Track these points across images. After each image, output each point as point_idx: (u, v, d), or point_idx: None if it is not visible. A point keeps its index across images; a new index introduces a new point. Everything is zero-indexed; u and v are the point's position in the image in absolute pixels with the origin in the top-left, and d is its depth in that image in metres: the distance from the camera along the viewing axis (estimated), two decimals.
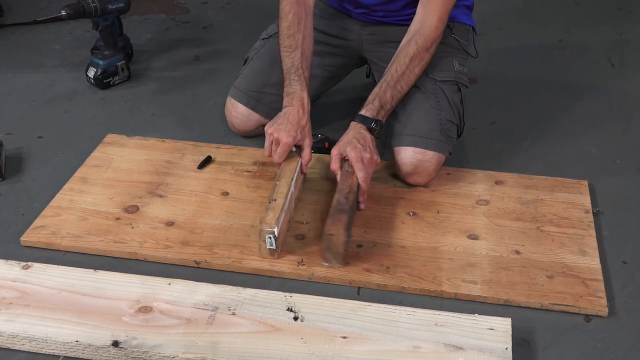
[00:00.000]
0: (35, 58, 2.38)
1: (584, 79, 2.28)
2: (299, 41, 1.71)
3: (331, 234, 1.44)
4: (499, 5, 2.78)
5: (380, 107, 1.66)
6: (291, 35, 1.71)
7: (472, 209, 1.65)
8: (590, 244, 1.55)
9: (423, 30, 1.67)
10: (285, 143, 1.62)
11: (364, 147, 1.60)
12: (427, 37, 1.67)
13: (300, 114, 1.66)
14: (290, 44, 1.71)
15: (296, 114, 1.66)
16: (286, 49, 1.71)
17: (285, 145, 1.62)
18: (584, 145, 1.93)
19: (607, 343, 1.34)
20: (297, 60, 1.70)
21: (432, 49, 1.69)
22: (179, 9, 2.75)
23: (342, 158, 1.62)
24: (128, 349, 1.27)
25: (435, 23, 1.67)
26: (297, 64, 1.69)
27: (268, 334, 1.31)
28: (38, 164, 1.84)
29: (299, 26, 1.71)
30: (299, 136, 1.64)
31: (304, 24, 1.72)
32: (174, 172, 1.77)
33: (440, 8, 1.67)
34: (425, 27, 1.67)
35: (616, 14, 2.73)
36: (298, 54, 1.70)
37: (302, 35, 1.71)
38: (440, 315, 1.34)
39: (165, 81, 2.25)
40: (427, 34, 1.67)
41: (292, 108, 1.66)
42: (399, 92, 1.68)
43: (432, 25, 1.67)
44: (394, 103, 1.68)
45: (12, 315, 1.34)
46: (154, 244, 1.54)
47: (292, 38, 1.71)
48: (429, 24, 1.67)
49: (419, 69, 1.69)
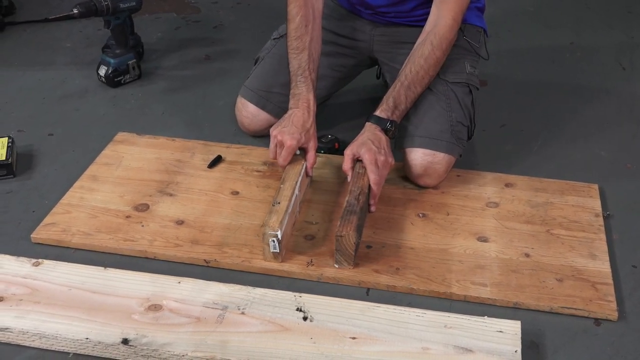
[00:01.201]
0: (47, 56, 2.39)
1: (594, 81, 2.28)
2: (306, 43, 1.71)
3: (341, 235, 1.44)
4: (510, 7, 2.78)
5: (395, 108, 1.65)
6: (299, 37, 1.71)
7: (482, 211, 1.65)
8: (600, 247, 1.55)
9: (437, 30, 1.67)
10: (289, 146, 1.61)
11: (378, 149, 1.60)
12: (442, 37, 1.67)
13: (306, 116, 1.65)
14: (298, 46, 1.71)
15: (301, 117, 1.65)
16: (293, 50, 1.72)
17: (289, 148, 1.62)
18: (594, 149, 1.93)
19: (616, 347, 1.34)
20: (304, 61, 1.70)
21: (447, 49, 1.69)
22: (190, 9, 2.75)
23: (355, 159, 1.61)
24: (138, 346, 1.28)
25: (450, 23, 1.67)
26: (303, 66, 1.69)
27: (277, 334, 1.31)
28: (49, 161, 1.85)
29: (306, 28, 1.71)
30: (303, 139, 1.63)
31: (312, 26, 1.72)
32: (184, 171, 1.77)
33: (454, 8, 1.66)
34: (439, 27, 1.67)
35: (627, 17, 2.72)
36: (305, 55, 1.70)
37: (309, 37, 1.71)
38: (450, 317, 1.34)
39: (175, 80, 2.25)
40: (441, 34, 1.67)
41: (298, 110, 1.66)
42: (414, 92, 1.67)
43: (447, 25, 1.67)
44: (409, 104, 1.67)
45: (22, 312, 1.34)
46: (163, 243, 1.55)
47: (300, 40, 1.71)
48: (443, 23, 1.67)
49: (433, 70, 1.68)
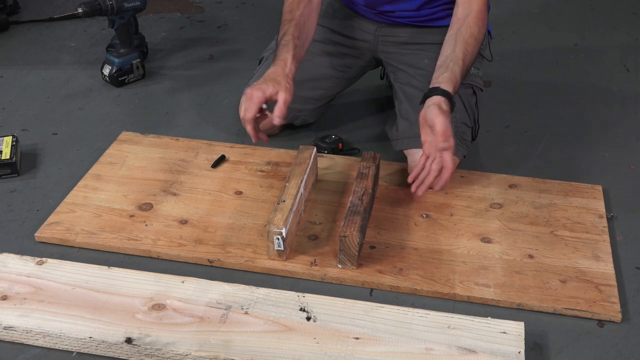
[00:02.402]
0: (51, 55, 2.39)
1: (598, 83, 2.28)
2: (296, 15, 1.69)
3: (345, 235, 1.44)
4: (514, 8, 2.78)
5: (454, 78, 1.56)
6: (289, 12, 1.71)
7: (486, 212, 1.65)
8: (604, 249, 1.55)
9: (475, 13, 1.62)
10: (250, 95, 1.55)
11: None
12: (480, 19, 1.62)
13: (278, 71, 1.60)
14: (287, 18, 1.70)
15: (272, 72, 1.60)
16: (283, 23, 1.71)
17: (250, 97, 1.55)
18: (598, 150, 1.93)
19: (620, 349, 1.34)
20: (290, 29, 1.67)
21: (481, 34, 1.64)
22: (194, 8, 2.75)
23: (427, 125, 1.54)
24: (141, 346, 1.28)
25: (481, 7, 1.63)
26: (288, 32, 1.67)
27: (281, 334, 1.31)
28: (53, 160, 1.85)
29: (298, 5, 1.71)
30: (271, 89, 1.56)
31: (306, 5, 1.71)
32: (187, 171, 1.78)
33: None
34: (474, 12, 1.62)
35: (631, 19, 2.72)
36: (292, 25, 1.68)
37: (300, 11, 1.70)
38: (453, 318, 1.34)
39: (179, 80, 2.26)
40: (479, 16, 1.62)
41: (271, 68, 1.62)
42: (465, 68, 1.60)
43: (479, 9, 1.62)
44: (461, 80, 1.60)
45: (26, 311, 1.34)
46: (167, 242, 1.55)
47: (290, 14, 1.71)
48: (476, 8, 1.62)
49: (475, 49, 1.62)
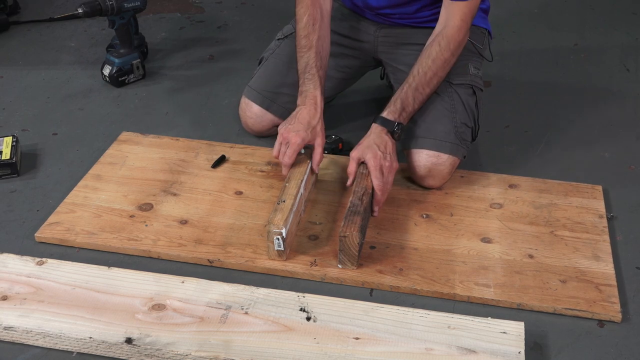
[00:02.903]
0: (51, 55, 2.39)
1: (598, 83, 2.28)
2: (314, 41, 1.71)
3: (345, 235, 1.44)
4: (514, 8, 2.78)
5: (402, 110, 1.63)
6: (306, 36, 1.72)
7: (486, 212, 1.65)
8: (604, 249, 1.55)
9: (446, 32, 1.65)
10: (294, 143, 1.60)
11: (384, 154, 1.58)
12: (450, 39, 1.65)
13: (312, 113, 1.64)
14: (305, 44, 1.71)
15: (307, 114, 1.64)
16: (301, 49, 1.72)
17: (293, 145, 1.60)
18: (598, 150, 1.93)
19: (620, 349, 1.34)
20: (312, 59, 1.69)
21: (456, 50, 1.67)
22: (194, 8, 2.75)
23: (360, 162, 1.60)
24: (141, 346, 1.28)
25: (458, 24, 1.65)
26: (311, 63, 1.69)
27: (281, 334, 1.31)
28: (53, 160, 1.85)
29: (313, 27, 1.72)
30: (309, 136, 1.62)
31: (319, 25, 1.73)
32: (188, 171, 1.78)
33: (462, 9, 1.64)
34: (447, 29, 1.65)
35: (631, 19, 2.72)
36: (312, 53, 1.70)
37: (316, 35, 1.71)
38: (453, 318, 1.34)
39: (179, 80, 2.26)
40: (449, 36, 1.65)
41: (304, 107, 1.65)
42: (422, 94, 1.66)
43: (455, 27, 1.65)
44: (416, 106, 1.66)
45: (26, 311, 1.34)
46: (167, 242, 1.55)
47: (307, 39, 1.71)
48: (451, 25, 1.65)
49: (442, 71, 1.67)
